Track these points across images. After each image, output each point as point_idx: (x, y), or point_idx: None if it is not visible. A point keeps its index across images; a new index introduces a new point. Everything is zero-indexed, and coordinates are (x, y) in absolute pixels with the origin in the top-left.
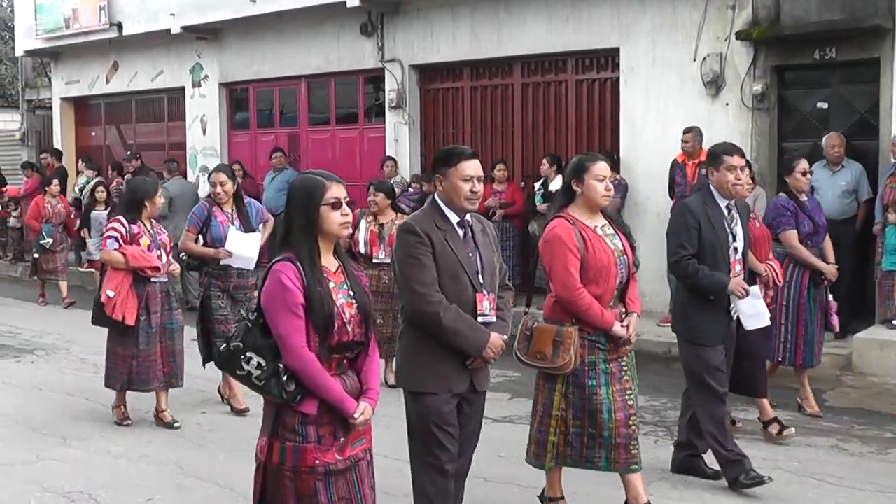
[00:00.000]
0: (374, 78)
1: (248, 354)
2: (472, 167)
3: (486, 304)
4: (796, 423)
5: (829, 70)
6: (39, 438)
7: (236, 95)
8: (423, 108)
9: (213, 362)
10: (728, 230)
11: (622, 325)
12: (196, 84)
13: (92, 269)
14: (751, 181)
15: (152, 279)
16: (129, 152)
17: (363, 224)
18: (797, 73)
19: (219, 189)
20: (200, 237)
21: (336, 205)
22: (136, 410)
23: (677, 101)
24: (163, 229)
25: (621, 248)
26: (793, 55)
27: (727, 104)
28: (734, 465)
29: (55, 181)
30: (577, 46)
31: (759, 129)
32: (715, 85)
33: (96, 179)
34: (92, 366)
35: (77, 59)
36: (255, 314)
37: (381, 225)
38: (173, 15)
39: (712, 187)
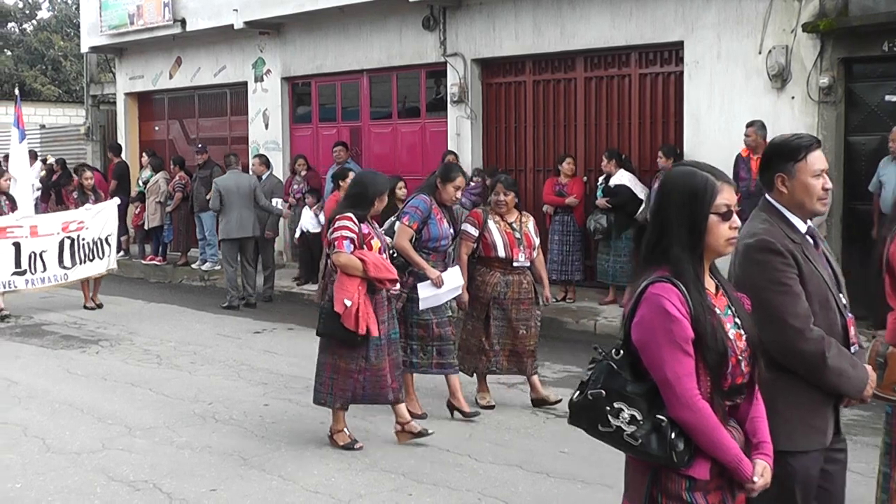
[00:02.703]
0: (436, 72)
1: (617, 405)
2: (821, 159)
3: (852, 330)
4: None
5: None
6: (104, 428)
7: (298, 90)
8: (485, 103)
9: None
10: None
11: None
12: (258, 79)
13: None
14: None
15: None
16: (199, 145)
17: (492, 224)
18: (865, 65)
19: (459, 194)
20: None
21: (727, 214)
22: (200, 402)
23: (742, 95)
24: (378, 227)
25: None
26: (860, 47)
27: (793, 98)
28: None
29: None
30: (641, 40)
31: (825, 123)
32: (780, 78)
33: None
34: (155, 357)
35: (141, 54)
36: (622, 352)
37: (511, 224)
38: (236, 10)
39: None
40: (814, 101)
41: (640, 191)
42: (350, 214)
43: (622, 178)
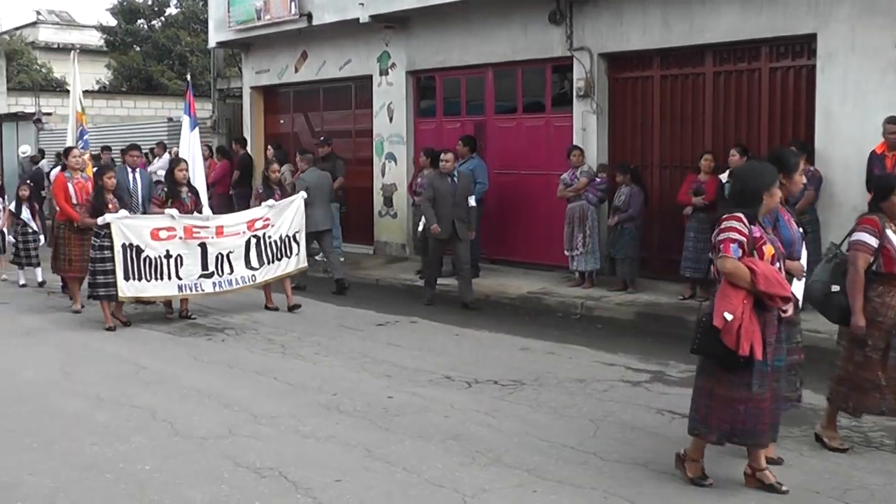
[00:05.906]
0: (562, 67)
1: None
2: None
3: None
4: None
5: None
6: (231, 414)
7: (423, 83)
8: (612, 98)
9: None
10: None
11: None
12: (383, 72)
13: None
14: None
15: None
16: (321, 138)
17: (892, 234)
18: None
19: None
20: None
21: None
22: (324, 392)
23: (877, 90)
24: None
25: None
26: None
27: None
28: None
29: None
30: (772, 33)
31: None
32: None
33: None
34: (279, 346)
35: (267, 49)
36: None
37: None
38: (362, 4)
39: None
40: None
41: None
42: (740, 214)
43: None
